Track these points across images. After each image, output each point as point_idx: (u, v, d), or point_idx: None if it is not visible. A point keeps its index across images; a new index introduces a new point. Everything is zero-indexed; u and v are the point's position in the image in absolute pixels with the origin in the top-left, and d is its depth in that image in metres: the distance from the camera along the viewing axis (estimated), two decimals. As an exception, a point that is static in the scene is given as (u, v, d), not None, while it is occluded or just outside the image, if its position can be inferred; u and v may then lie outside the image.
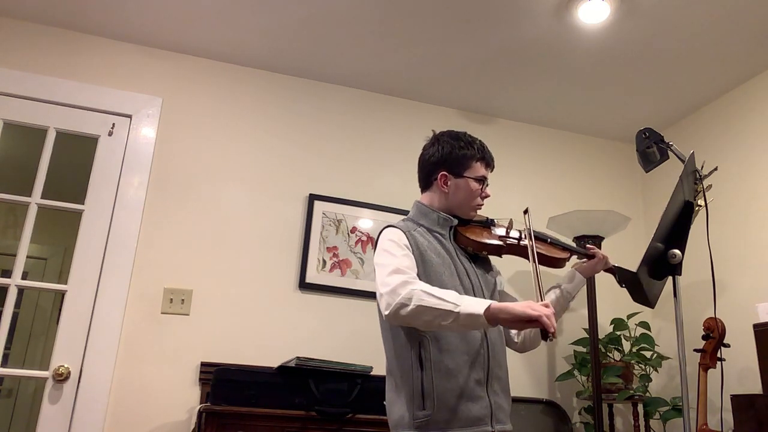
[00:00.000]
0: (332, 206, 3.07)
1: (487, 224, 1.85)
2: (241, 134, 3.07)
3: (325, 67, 3.14)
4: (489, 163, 1.85)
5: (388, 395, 1.69)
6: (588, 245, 1.93)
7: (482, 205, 1.84)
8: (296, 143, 3.14)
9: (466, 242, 1.78)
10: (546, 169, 3.54)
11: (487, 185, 1.83)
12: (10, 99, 2.77)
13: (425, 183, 1.86)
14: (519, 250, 1.79)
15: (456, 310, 1.47)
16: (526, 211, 1.78)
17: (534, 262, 1.68)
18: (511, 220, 1.84)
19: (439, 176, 1.80)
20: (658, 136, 1.95)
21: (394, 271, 1.58)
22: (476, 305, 1.47)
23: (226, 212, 2.94)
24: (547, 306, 1.46)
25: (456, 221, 1.80)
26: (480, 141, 1.85)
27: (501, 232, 1.82)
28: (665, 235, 1.75)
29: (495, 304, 1.47)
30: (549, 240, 1.87)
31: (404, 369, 1.63)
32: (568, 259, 1.86)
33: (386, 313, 1.54)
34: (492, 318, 1.46)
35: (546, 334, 1.43)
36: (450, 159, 1.80)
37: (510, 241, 1.79)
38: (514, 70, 3.08)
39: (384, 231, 1.74)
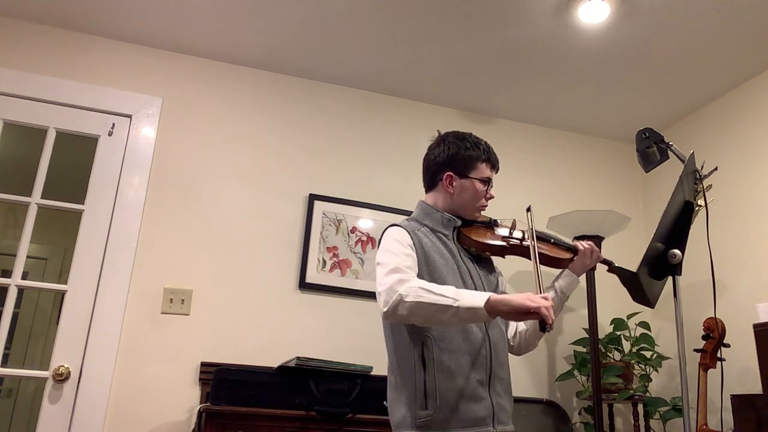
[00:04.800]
0: (332, 206, 3.07)
1: (491, 225, 1.84)
2: (241, 134, 3.07)
3: (325, 67, 3.14)
4: (494, 165, 1.84)
5: (389, 395, 1.69)
6: (575, 241, 1.91)
7: (486, 206, 1.84)
8: (296, 143, 3.14)
9: (469, 243, 1.78)
10: (546, 169, 3.54)
11: (491, 186, 1.83)
12: (10, 99, 2.77)
13: (430, 183, 1.85)
14: (522, 251, 1.78)
15: (455, 304, 1.47)
16: (528, 209, 1.77)
17: (536, 261, 1.67)
18: (514, 220, 1.83)
19: (444, 177, 1.79)
20: (658, 136, 1.95)
21: (392, 270, 1.58)
22: (475, 298, 1.48)
23: (226, 212, 2.94)
24: (546, 298, 1.47)
25: (460, 222, 1.80)
26: (485, 142, 1.85)
27: (504, 232, 1.81)
28: (665, 235, 1.75)
29: (494, 296, 1.47)
30: (552, 240, 1.86)
31: (407, 368, 1.63)
32: (571, 259, 1.85)
33: (384, 310, 1.54)
34: (492, 310, 1.46)
35: (544, 326, 1.44)
36: (456, 160, 1.79)
37: (513, 241, 1.78)
38: (515, 70, 3.08)
39: (388, 230, 1.74)
